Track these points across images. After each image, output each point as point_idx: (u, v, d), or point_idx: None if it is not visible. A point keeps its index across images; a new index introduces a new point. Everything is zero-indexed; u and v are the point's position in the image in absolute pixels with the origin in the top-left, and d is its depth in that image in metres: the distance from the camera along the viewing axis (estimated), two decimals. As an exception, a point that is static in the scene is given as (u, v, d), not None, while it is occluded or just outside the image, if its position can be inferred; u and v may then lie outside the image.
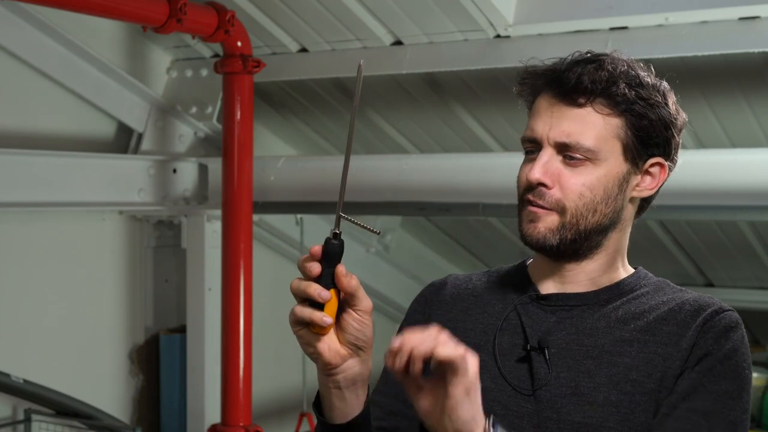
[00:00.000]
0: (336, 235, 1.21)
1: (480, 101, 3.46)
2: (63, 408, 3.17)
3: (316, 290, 1.18)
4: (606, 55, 1.38)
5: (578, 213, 1.34)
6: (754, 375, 4.00)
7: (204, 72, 3.59)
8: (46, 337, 3.27)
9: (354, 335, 1.23)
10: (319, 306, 1.19)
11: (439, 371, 1.14)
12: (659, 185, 1.40)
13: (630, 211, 1.40)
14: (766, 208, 2.77)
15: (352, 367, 1.25)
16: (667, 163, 1.39)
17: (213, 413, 3.39)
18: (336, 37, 3.28)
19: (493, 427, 1.16)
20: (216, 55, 3.55)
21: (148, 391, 3.62)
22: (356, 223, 1.25)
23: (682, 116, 1.40)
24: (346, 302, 1.22)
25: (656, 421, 1.28)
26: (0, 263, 3.12)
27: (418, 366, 1.14)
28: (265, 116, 3.86)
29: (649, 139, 1.36)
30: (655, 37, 2.82)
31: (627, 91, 1.34)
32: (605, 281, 1.40)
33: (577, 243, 1.36)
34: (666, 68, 1.48)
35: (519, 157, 1.41)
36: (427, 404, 1.17)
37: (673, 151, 1.40)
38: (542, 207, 1.34)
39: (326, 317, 1.19)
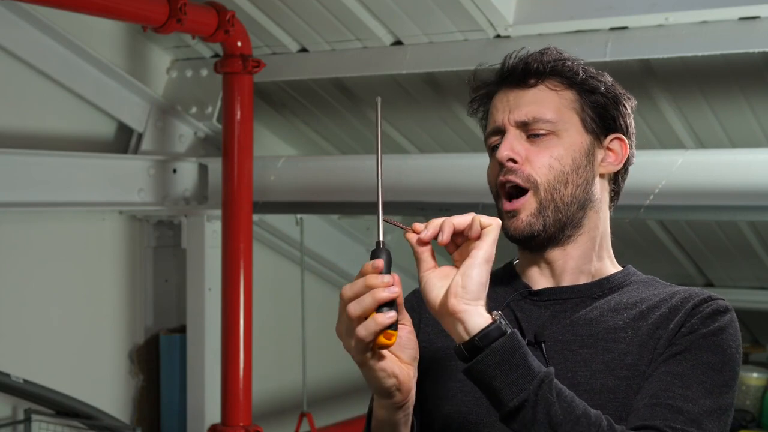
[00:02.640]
0: (383, 244, 1.19)
1: (480, 101, 3.45)
2: (63, 408, 3.17)
3: (389, 292, 1.17)
4: (547, 47, 1.45)
5: (551, 187, 1.37)
6: (754, 375, 4.00)
7: (204, 72, 3.59)
8: (46, 337, 3.27)
9: (414, 347, 1.24)
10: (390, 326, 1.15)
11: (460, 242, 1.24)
12: (623, 160, 1.44)
13: (601, 188, 1.43)
14: (766, 208, 2.77)
15: (414, 384, 1.25)
16: (626, 139, 1.44)
17: (213, 413, 3.39)
18: (336, 37, 3.28)
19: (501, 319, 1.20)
20: (216, 55, 3.55)
21: (148, 391, 3.61)
22: (399, 225, 1.27)
23: (633, 100, 1.46)
24: None
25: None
26: (0, 263, 3.12)
27: (447, 233, 1.22)
28: (265, 116, 3.86)
29: (605, 112, 1.41)
30: (655, 37, 2.82)
31: (574, 65, 1.41)
32: (594, 271, 1.42)
33: (560, 222, 1.38)
34: (666, 68, 1.49)
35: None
36: (439, 274, 1.24)
37: (629, 129, 1.45)
38: (517, 186, 1.38)
39: (390, 312, 1.16)
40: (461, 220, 1.23)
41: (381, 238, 1.20)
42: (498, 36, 3.05)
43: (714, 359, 1.29)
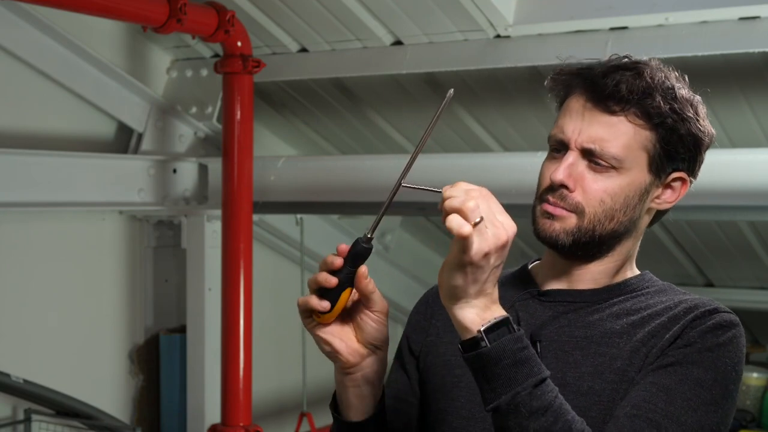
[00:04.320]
0: (368, 239, 1.26)
1: (480, 101, 3.46)
2: (63, 408, 3.17)
3: (324, 277, 1.24)
4: (645, 63, 1.38)
5: (596, 219, 1.34)
6: (754, 375, 4.00)
7: (204, 72, 3.59)
8: (46, 337, 3.27)
9: (372, 335, 1.31)
10: (330, 296, 1.25)
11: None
12: (678, 199, 1.41)
13: (646, 221, 1.41)
14: (766, 208, 2.77)
15: (370, 365, 1.32)
16: (689, 179, 1.40)
17: (213, 413, 3.39)
18: (336, 37, 3.28)
19: (488, 332, 1.17)
20: (216, 55, 3.55)
21: (148, 391, 3.62)
22: (422, 188, 1.32)
23: (711, 132, 1.41)
24: (362, 304, 1.30)
25: None
26: (0, 263, 3.12)
27: (443, 218, 1.19)
28: (265, 116, 3.86)
29: (676, 154, 1.36)
30: (655, 37, 2.82)
31: (662, 104, 1.33)
32: (610, 281, 1.41)
33: (590, 246, 1.36)
34: (665, 68, 1.47)
35: (519, 157, 1.42)
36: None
37: (697, 168, 1.41)
38: (562, 209, 1.34)
39: (323, 302, 1.25)
40: (452, 205, 1.19)
41: (370, 235, 1.25)
42: (498, 36, 3.05)
43: (705, 375, 1.26)
